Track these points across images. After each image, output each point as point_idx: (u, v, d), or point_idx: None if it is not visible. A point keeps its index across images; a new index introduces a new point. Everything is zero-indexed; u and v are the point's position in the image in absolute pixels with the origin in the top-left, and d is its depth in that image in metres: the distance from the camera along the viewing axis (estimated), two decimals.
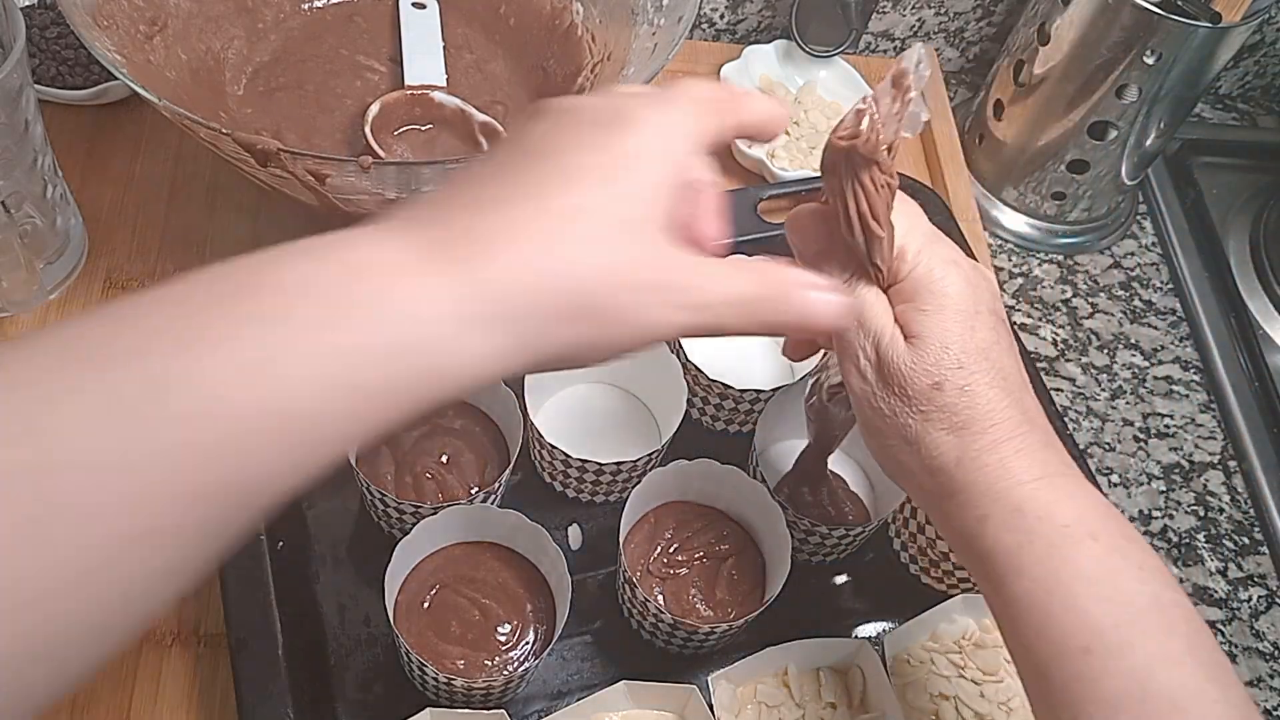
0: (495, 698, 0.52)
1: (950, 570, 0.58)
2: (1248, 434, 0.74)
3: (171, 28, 0.65)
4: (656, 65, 0.60)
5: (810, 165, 0.77)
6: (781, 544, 0.55)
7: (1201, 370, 0.78)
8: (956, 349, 0.42)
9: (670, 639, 0.54)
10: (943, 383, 0.42)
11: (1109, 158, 0.78)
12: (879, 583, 0.61)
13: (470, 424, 0.60)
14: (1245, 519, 0.71)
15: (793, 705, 0.54)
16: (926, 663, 0.56)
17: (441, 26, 0.74)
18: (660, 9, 0.66)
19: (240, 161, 0.55)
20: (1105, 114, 0.75)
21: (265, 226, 0.69)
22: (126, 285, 0.65)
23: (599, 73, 0.70)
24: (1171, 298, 0.82)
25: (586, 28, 0.73)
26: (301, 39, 0.73)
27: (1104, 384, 0.76)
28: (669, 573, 0.56)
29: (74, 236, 0.64)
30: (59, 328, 0.29)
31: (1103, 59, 0.72)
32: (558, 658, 0.56)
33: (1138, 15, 0.69)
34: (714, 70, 0.80)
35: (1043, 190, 0.81)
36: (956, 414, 0.41)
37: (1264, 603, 0.67)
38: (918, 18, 0.89)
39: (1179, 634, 0.39)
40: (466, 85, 0.72)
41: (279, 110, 0.69)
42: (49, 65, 0.70)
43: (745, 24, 0.88)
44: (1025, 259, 0.82)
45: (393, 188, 0.58)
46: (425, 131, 0.69)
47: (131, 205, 0.69)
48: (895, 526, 0.61)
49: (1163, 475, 0.72)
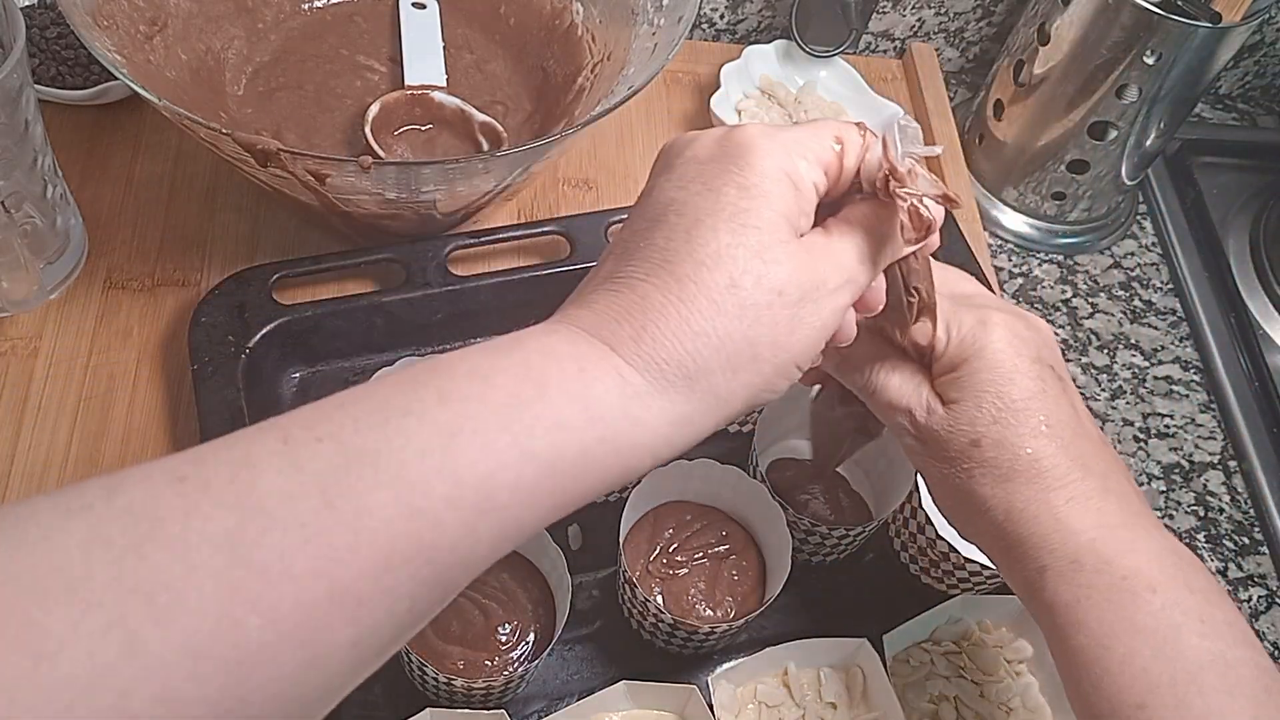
0: (495, 698, 0.52)
1: (950, 570, 0.58)
2: (1248, 434, 0.74)
3: (171, 28, 0.65)
4: (656, 65, 0.60)
5: None
6: (781, 544, 0.55)
7: (1201, 370, 0.78)
8: (992, 404, 0.42)
9: (670, 639, 0.54)
10: (979, 439, 0.42)
11: (1109, 158, 0.78)
12: (879, 583, 0.61)
13: None
14: (1245, 519, 0.71)
15: (793, 705, 0.54)
16: (926, 663, 0.56)
17: (441, 26, 0.74)
18: (660, 9, 0.66)
19: (240, 161, 0.55)
20: (1105, 114, 0.75)
21: (265, 226, 0.69)
22: (126, 285, 0.65)
23: (599, 73, 0.70)
24: (1171, 298, 0.82)
25: (586, 28, 0.73)
26: (301, 39, 0.73)
27: (1104, 384, 0.76)
28: (669, 573, 0.56)
29: (74, 236, 0.64)
30: (269, 424, 0.30)
31: (1103, 59, 0.72)
32: (558, 658, 0.56)
33: (1138, 15, 0.69)
34: (714, 70, 0.80)
35: (1043, 190, 0.81)
36: (998, 467, 0.42)
37: (1264, 603, 0.67)
38: (918, 18, 0.89)
39: (1243, 694, 0.38)
40: (466, 85, 0.72)
41: (279, 110, 0.69)
42: (49, 65, 0.70)
43: (745, 24, 0.88)
44: (1025, 259, 0.82)
45: (393, 188, 0.58)
46: (425, 131, 0.69)
47: (131, 205, 0.69)
48: (895, 527, 0.61)
49: (1163, 475, 0.72)
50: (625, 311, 0.34)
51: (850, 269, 0.37)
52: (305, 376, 0.63)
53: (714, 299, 0.33)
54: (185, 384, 0.61)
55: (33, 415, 0.59)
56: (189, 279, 0.66)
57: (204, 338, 0.59)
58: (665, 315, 0.33)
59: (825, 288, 0.36)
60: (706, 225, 0.34)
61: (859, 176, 0.38)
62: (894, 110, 0.80)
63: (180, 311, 0.64)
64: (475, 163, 0.59)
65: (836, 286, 0.36)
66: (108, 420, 0.60)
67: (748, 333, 0.34)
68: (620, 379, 0.32)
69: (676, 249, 0.34)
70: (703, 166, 0.36)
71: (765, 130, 0.36)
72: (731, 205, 0.35)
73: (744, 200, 0.35)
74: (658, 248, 0.35)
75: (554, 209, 0.74)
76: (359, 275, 0.66)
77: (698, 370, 0.33)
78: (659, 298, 0.34)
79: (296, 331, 0.61)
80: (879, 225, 0.38)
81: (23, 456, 0.58)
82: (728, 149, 0.36)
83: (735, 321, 0.33)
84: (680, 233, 0.34)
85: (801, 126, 0.37)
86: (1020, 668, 0.57)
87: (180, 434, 0.60)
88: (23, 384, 0.60)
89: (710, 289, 0.33)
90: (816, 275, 0.35)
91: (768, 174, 0.35)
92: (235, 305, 0.60)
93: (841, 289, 0.36)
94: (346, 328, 0.63)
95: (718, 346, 0.33)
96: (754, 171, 0.35)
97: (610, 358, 0.33)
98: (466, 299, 0.64)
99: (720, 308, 0.33)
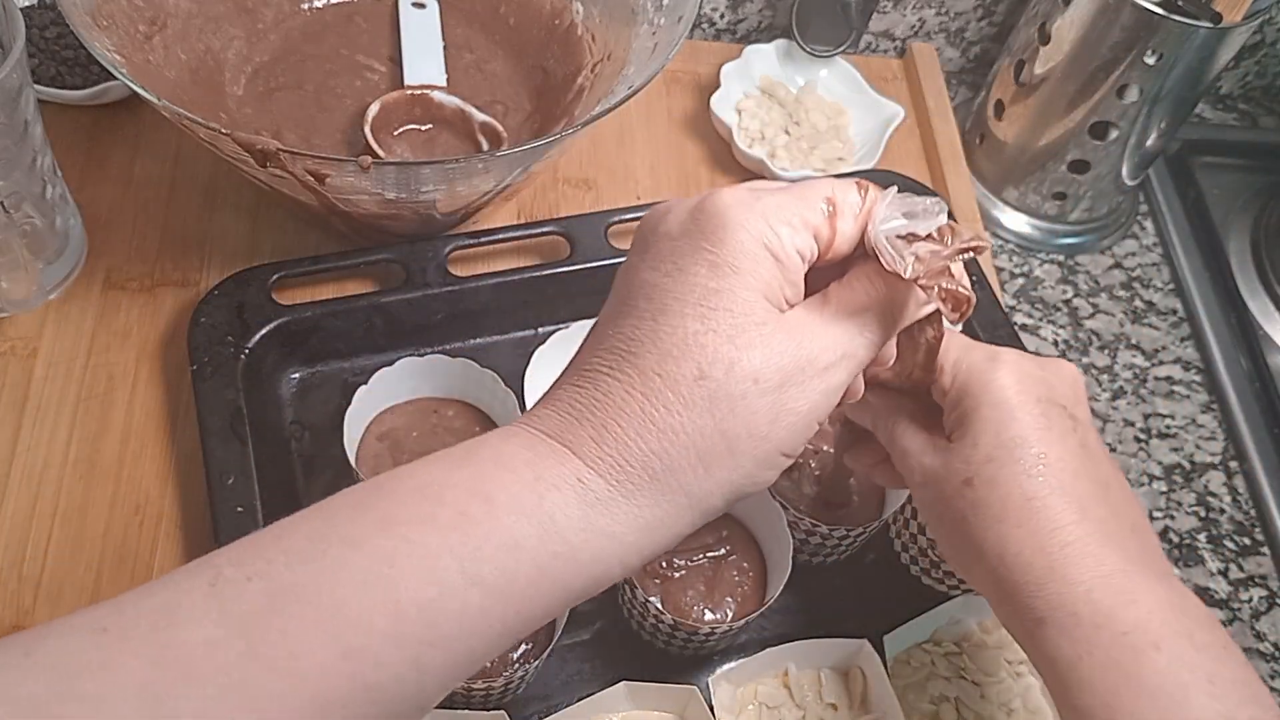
0: (495, 699, 0.52)
1: (951, 571, 0.58)
2: (1248, 434, 0.74)
3: (171, 28, 0.65)
4: (656, 65, 0.60)
5: (810, 165, 0.77)
6: (782, 544, 0.55)
7: (1202, 371, 0.78)
8: (988, 443, 0.40)
9: (670, 640, 0.54)
10: (972, 478, 0.40)
11: (1110, 158, 0.78)
12: (879, 583, 0.61)
13: (470, 424, 0.60)
14: (1246, 520, 0.71)
15: (793, 706, 0.54)
16: (927, 664, 0.56)
17: (441, 26, 0.74)
18: (660, 9, 0.66)
19: (240, 161, 0.55)
20: (1106, 114, 0.74)
21: (265, 226, 0.69)
22: (126, 285, 0.65)
23: (599, 73, 0.70)
24: (1172, 298, 0.82)
25: (586, 28, 0.72)
26: (301, 39, 0.73)
27: (1105, 384, 0.76)
28: (669, 573, 0.56)
29: (74, 236, 0.64)
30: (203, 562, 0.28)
31: (1103, 59, 0.72)
32: (558, 659, 0.56)
33: (1138, 15, 0.69)
34: (714, 70, 0.80)
35: (1044, 190, 0.81)
36: (990, 508, 0.40)
37: (1265, 603, 0.67)
38: (918, 17, 0.89)
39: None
40: (466, 85, 0.72)
41: (279, 110, 0.69)
42: (49, 65, 0.70)
43: (745, 24, 0.88)
44: (1026, 259, 0.82)
45: (392, 188, 0.58)
46: (425, 131, 0.69)
47: (131, 205, 0.69)
48: (895, 527, 0.61)
49: (1164, 476, 0.72)
50: (587, 409, 0.31)
51: (846, 344, 0.34)
52: (305, 376, 0.63)
53: (681, 392, 0.31)
54: (185, 384, 0.61)
55: (32, 415, 0.59)
56: (189, 279, 0.66)
57: (204, 338, 0.59)
58: (628, 412, 0.31)
59: (813, 367, 0.33)
60: (674, 311, 0.32)
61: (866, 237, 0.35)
62: (894, 110, 0.80)
63: (180, 312, 0.64)
64: (475, 163, 0.59)
65: (828, 365, 0.33)
66: (107, 420, 0.60)
67: (720, 426, 0.31)
68: (580, 486, 0.30)
69: (642, 338, 0.32)
70: (674, 244, 0.33)
71: (741, 198, 0.33)
72: (701, 286, 0.32)
73: (714, 280, 0.32)
74: (624, 337, 0.32)
75: (554, 209, 0.74)
76: (359, 275, 0.66)
77: (665, 470, 0.31)
78: (621, 393, 0.31)
79: (296, 332, 0.61)
80: (887, 292, 0.35)
81: (22, 456, 0.58)
82: (699, 222, 0.33)
83: (705, 415, 0.31)
84: (647, 320, 0.32)
85: (786, 189, 0.35)
86: (1021, 669, 0.57)
87: (180, 434, 0.60)
88: (23, 384, 0.60)
89: (677, 381, 0.31)
90: (802, 356, 0.32)
91: (742, 248, 0.32)
92: (235, 305, 0.60)
93: (834, 367, 0.33)
94: (346, 328, 0.63)
95: (686, 444, 0.31)
96: (726, 246, 0.32)
97: (569, 462, 0.30)
98: (466, 299, 0.64)
99: (688, 401, 0.31)
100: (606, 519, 0.30)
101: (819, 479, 0.60)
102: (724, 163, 0.79)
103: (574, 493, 0.30)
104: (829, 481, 0.59)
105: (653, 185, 0.77)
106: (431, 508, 0.29)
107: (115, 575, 0.55)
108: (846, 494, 0.59)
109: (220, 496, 0.53)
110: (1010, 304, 0.79)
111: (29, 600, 0.54)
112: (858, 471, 0.52)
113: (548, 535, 0.29)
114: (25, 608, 0.53)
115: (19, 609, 0.53)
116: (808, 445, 0.60)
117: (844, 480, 0.58)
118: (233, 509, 0.53)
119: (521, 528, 0.29)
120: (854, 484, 0.60)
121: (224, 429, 0.56)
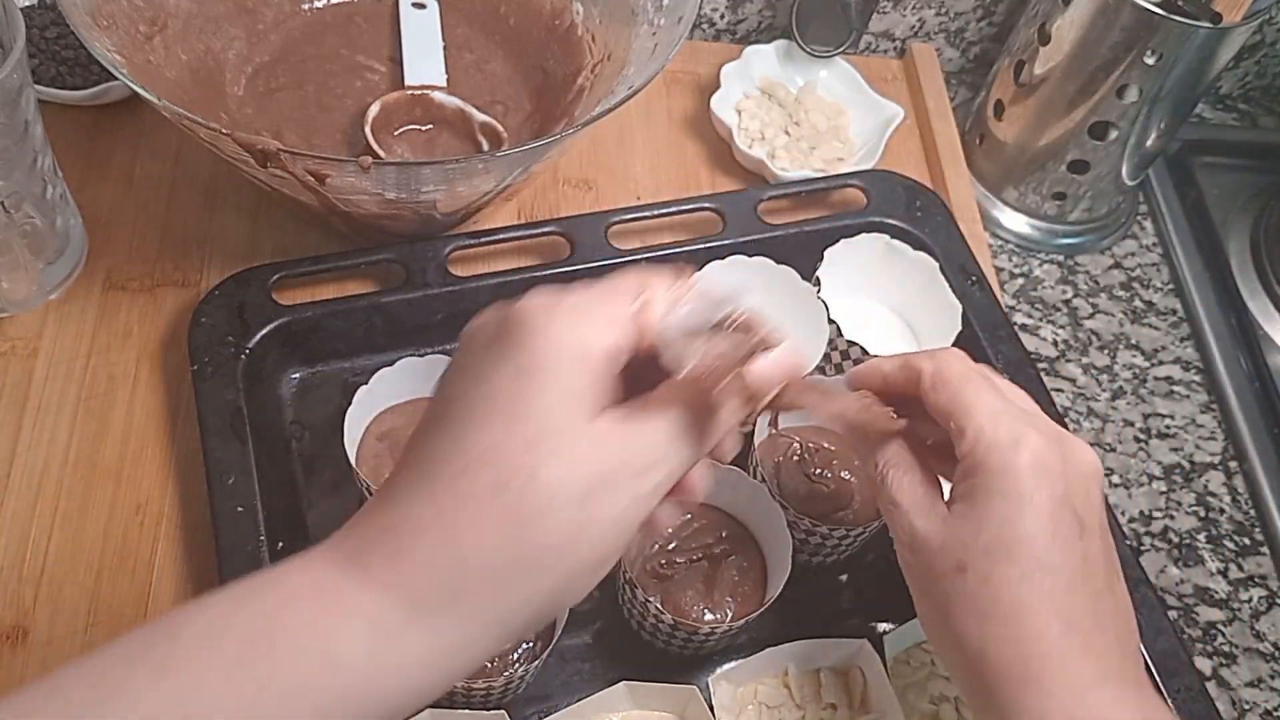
0: (495, 699, 0.52)
1: None
2: (1248, 434, 0.74)
3: (171, 28, 0.65)
4: (656, 65, 0.60)
5: (810, 165, 0.77)
6: (782, 544, 0.55)
7: (1202, 371, 0.78)
8: (990, 537, 0.39)
9: (670, 640, 0.54)
10: (966, 568, 0.39)
11: (1110, 158, 0.78)
12: (879, 583, 0.61)
13: None
14: (1246, 520, 0.71)
15: (793, 706, 0.54)
16: (927, 664, 0.56)
17: (441, 26, 0.74)
18: (660, 9, 0.66)
19: (240, 161, 0.55)
20: (1106, 114, 0.74)
21: (265, 226, 0.69)
22: (126, 285, 0.65)
23: (599, 73, 0.70)
24: (1172, 298, 0.82)
25: (586, 28, 0.73)
26: (301, 39, 0.73)
27: (1104, 384, 0.76)
28: (669, 573, 0.56)
29: (74, 237, 0.64)
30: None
31: (1103, 59, 0.72)
32: (558, 658, 0.56)
33: (1138, 15, 0.69)
34: (714, 70, 0.80)
35: (1043, 190, 0.81)
36: (978, 603, 0.39)
37: (1264, 603, 0.67)
38: (918, 18, 0.89)
39: None
40: (466, 85, 0.72)
41: (279, 110, 0.69)
42: (49, 65, 0.70)
43: (745, 24, 0.88)
44: (1026, 259, 0.82)
45: (393, 188, 0.58)
46: (425, 131, 0.69)
47: (131, 205, 0.69)
48: None
49: (1163, 476, 0.72)
50: (386, 530, 0.30)
51: (659, 449, 0.32)
52: (305, 377, 0.63)
53: (480, 507, 0.29)
54: (185, 384, 0.61)
55: (32, 415, 0.59)
56: (189, 279, 0.66)
57: (204, 338, 0.59)
58: (424, 531, 0.29)
59: (621, 474, 0.31)
60: (475, 423, 0.30)
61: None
62: (893, 110, 0.80)
63: (180, 312, 0.64)
64: (475, 163, 0.59)
65: (639, 471, 0.31)
66: (107, 420, 0.60)
67: (519, 541, 0.29)
68: (371, 615, 0.29)
69: (444, 451, 0.30)
70: (485, 353, 0.32)
71: (544, 302, 0.32)
72: (504, 394, 0.31)
73: (516, 386, 0.31)
74: (428, 451, 0.31)
75: (554, 209, 0.74)
76: (359, 275, 0.66)
77: (461, 591, 0.29)
78: (418, 510, 0.30)
79: (296, 332, 0.61)
80: (691, 393, 0.33)
81: (23, 456, 0.58)
82: (505, 330, 0.32)
83: (502, 531, 0.29)
84: (451, 432, 0.31)
85: (593, 286, 0.33)
86: None
87: (180, 434, 0.60)
88: (23, 384, 0.60)
89: (475, 496, 0.29)
90: (609, 462, 0.31)
91: (544, 352, 0.31)
92: (235, 305, 0.60)
93: (647, 473, 0.32)
94: (346, 328, 0.63)
95: (482, 563, 0.29)
96: (528, 352, 0.31)
97: (362, 590, 0.29)
98: (466, 299, 0.64)
99: (485, 516, 0.29)
100: (396, 649, 0.29)
101: (808, 470, 0.60)
102: (724, 163, 0.79)
103: (362, 625, 0.29)
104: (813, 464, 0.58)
105: (653, 185, 0.77)
106: (211, 654, 0.28)
107: (115, 575, 0.55)
108: (838, 484, 0.59)
109: (220, 496, 0.53)
110: (1010, 304, 0.79)
111: (29, 600, 0.54)
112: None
113: (335, 669, 0.28)
114: (25, 608, 0.54)
115: (19, 609, 0.53)
116: (808, 445, 0.60)
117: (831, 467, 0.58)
118: (233, 509, 0.53)
119: (304, 667, 0.28)
120: (854, 482, 0.60)
121: (224, 429, 0.56)
